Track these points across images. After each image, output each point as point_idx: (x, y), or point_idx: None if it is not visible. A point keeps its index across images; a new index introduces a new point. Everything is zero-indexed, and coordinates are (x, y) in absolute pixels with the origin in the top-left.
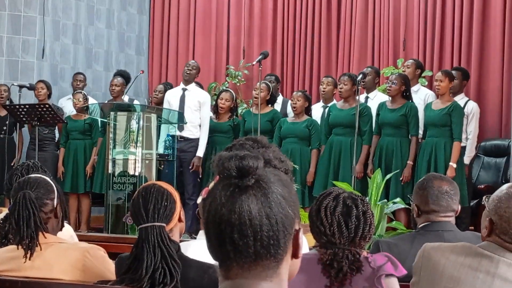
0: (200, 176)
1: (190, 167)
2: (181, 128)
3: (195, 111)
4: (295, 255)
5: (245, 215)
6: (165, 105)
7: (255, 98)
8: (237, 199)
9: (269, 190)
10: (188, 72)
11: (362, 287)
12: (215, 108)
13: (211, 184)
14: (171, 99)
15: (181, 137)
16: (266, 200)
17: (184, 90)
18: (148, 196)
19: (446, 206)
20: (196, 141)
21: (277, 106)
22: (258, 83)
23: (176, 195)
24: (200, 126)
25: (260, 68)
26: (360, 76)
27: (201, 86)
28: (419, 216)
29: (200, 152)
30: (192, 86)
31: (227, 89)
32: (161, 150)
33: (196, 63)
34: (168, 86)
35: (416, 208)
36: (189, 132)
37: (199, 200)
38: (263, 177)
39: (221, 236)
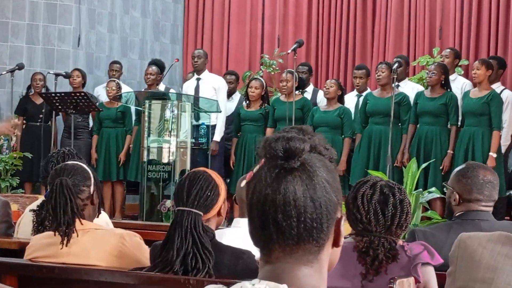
0: (233, 164)
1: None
2: (198, 117)
3: (213, 96)
4: (336, 242)
5: (290, 195)
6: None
7: (283, 88)
8: (282, 180)
9: (314, 174)
10: (194, 64)
11: (398, 276)
12: (246, 97)
13: (256, 168)
14: (188, 90)
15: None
16: (311, 183)
17: (198, 79)
18: (194, 181)
19: (489, 196)
20: (215, 127)
21: (307, 96)
22: (283, 74)
23: (222, 189)
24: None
25: (295, 57)
26: (396, 64)
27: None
28: (460, 204)
29: (217, 137)
30: (205, 74)
31: (257, 77)
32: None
33: (200, 51)
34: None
35: (458, 196)
36: (207, 118)
37: (242, 184)
38: (309, 160)
39: (264, 217)
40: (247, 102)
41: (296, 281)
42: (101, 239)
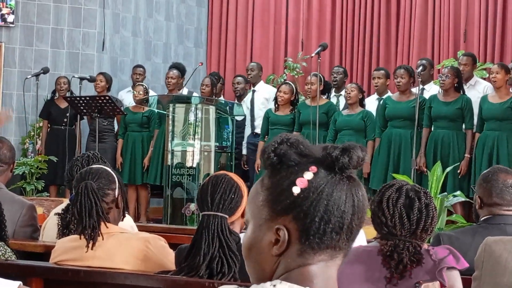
0: (258, 168)
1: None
2: (253, 127)
3: (264, 109)
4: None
5: (365, 201)
6: (244, 108)
7: (308, 92)
8: (356, 187)
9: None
10: (248, 75)
11: (423, 280)
12: (275, 101)
13: (308, 174)
14: (246, 100)
15: (255, 133)
16: (363, 189)
17: (253, 91)
18: (217, 185)
19: (510, 200)
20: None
21: (341, 98)
22: (308, 76)
23: (244, 190)
24: None
25: (319, 60)
26: (421, 68)
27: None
28: (482, 208)
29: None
30: (260, 85)
31: (286, 81)
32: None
33: (254, 64)
34: (215, 78)
35: (479, 200)
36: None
37: (296, 190)
38: None
39: (341, 222)
40: (276, 106)
41: (327, 282)
42: (126, 243)
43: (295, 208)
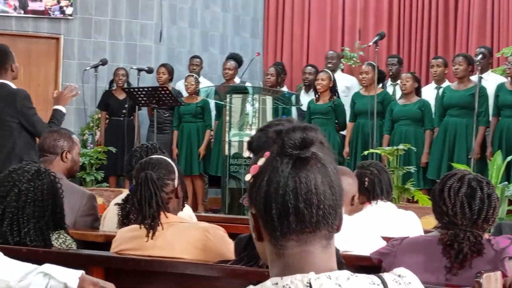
0: None
1: None
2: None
3: (344, 97)
4: (338, 228)
5: (312, 184)
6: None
7: (363, 81)
8: (301, 169)
9: (326, 161)
10: (328, 65)
11: (485, 270)
12: (314, 90)
13: (261, 160)
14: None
15: None
16: (326, 171)
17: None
18: None
19: None
20: None
21: (398, 87)
22: (363, 65)
23: None
24: None
25: (377, 49)
26: (480, 56)
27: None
28: None
29: None
30: (338, 74)
31: (324, 69)
32: None
33: (333, 53)
34: (279, 68)
35: None
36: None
37: (247, 178)
38: (318, 149)
39: (284, 207)
40: (317, 95)
41: (317, 267)
42: (186, 232)
43: (251, 195)
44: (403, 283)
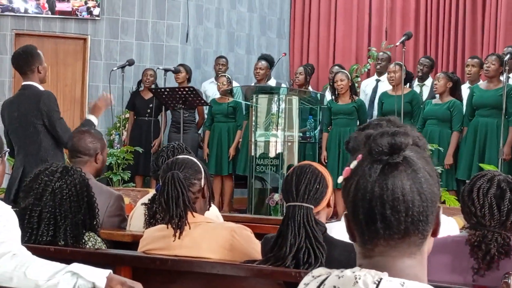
0: (325, 159)
1: None
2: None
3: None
4: (435, 232)
5: (399, 191)
6: (361, 94)
7: (391, 80)
8: (389, 175)
9: (417, 167)
10: (377, 65)
11: None
12: (333, 91)
13: (354, 163)
14: (366, 88)
15: None
16: (416, 177)
17: (377, 81)
18: (302, 175)
19: None
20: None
21: (426, 89)
22: (391, 65)
23: (329, 180)
24: None
25: (404, 49)
26: (508, 56)
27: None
28: None
29: None
30: (385, 77)
31: (340, 70)
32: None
33: (383, 54)
34: (309, 68)
35: None
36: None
37: (339, 180)
38: (410, 154)
39: (371, 213)
40: (336, 95)
41: (400, 272)
42: (212, 232)
43: (343, 197)
44: None
